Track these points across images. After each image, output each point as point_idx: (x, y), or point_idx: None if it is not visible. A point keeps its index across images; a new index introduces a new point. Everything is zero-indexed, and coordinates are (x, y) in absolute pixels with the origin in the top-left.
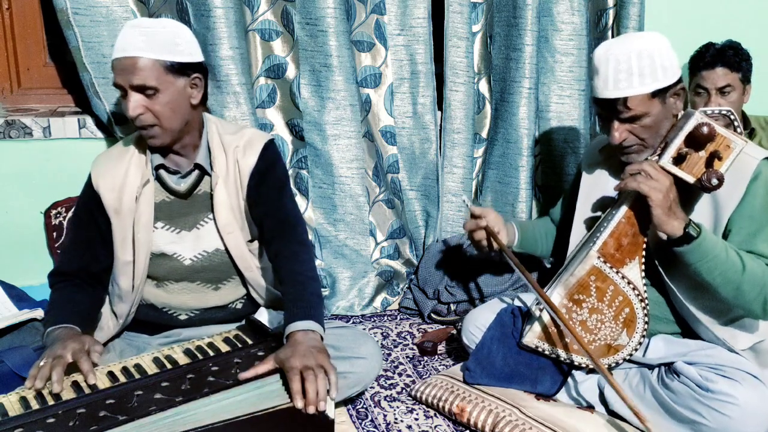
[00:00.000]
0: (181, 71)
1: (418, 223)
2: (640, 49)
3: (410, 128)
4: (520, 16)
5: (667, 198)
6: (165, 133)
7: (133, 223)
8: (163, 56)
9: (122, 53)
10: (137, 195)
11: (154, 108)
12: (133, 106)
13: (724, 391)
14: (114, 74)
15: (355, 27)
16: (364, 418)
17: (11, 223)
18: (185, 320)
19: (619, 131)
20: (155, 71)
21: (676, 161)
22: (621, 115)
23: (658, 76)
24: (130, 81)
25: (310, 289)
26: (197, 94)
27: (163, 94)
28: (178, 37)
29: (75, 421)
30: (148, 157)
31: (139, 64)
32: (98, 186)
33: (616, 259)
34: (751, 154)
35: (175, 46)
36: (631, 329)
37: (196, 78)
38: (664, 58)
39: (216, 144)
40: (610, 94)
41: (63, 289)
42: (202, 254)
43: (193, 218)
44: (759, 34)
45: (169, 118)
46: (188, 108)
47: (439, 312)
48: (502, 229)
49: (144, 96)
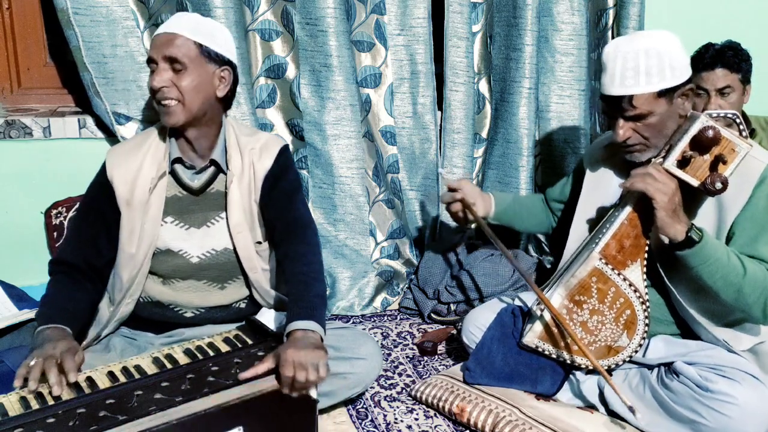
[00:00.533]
0: (213, 59)
1: (418, 223)
2: (648, 48)
3: (410, 128)
4: (520, 16)
5: (672, 201)
6: (183, 112)
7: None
8: (200, 38)
9: (165, 29)
10: (151, 186)
11: (179, 84)
12: (160, 78)
13: (723, 391)
14: (151, 50)
15: (355, 27)
16: (364, 418)
17: (11, 223)
18: (190, 318)
19: (623, 129)
20: (189, 49)
21: (680, 164)
22: (626, 113)
23: (666, 75)
24: (164, 52)
25: (314, 291)
26: (223, 88)
27: (192, 73)
28: (219, 31)
29: (75, 421)
30: (166, 150)
31: (177, 41)
32: (112, 177)
33: (618, 260)
34: (757, 158)
35: (213, 37)
36: (631, 331)
37: (225, 70)
38: (673, 57)
39: (232, 144)
40: (616, 91)
41: (60, 282)
42: (210, 252)
43: (203, 216)
44: (759, 34)
45: (192, 97)
46: (212, 97)
47: (439, 312)
48: (479, 200)
49: (173, 71)
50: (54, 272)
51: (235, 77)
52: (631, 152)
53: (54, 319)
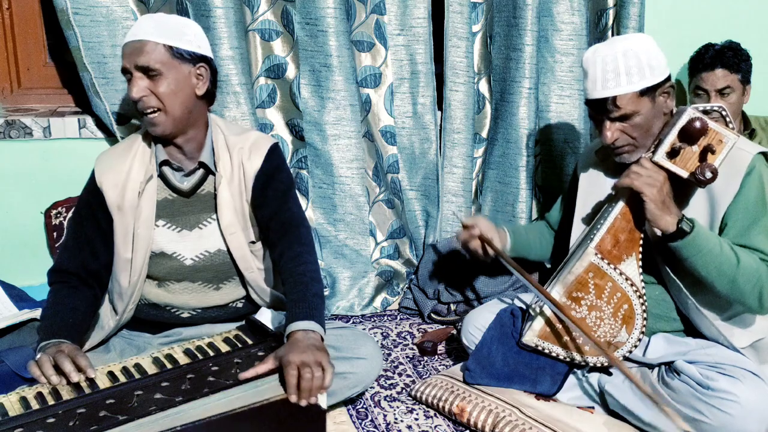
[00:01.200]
0: (186, 59)
1: (418, 223)
2: (625, 49)
3: (410, 128)
4: (520, 16)
5: (660, 193)
6: (168, 120)
7: (134, 219)
8: (169, 41)
9: (131, 37)
10: (140, 190)
11: (157, 91)
12: (137, 88)
13: (724, 389)
14: (123, 59)
15: (355, 27)
16: (364, 418)
17: (11, 223)
18: (187, 318)
19: (611, 131)
20: (160, 54)
21: (669, 156)
22: (611, 114)
23: (646, 74)
24: (135, 62)
25: (312, 290)
26: (202, 86)
27: (167, 77)
28: (187, 27)
29: (75, 421)
30: (152, 153)
31: (146, 47)
32: (101, 183)
33: (614, 255)
34: (744, 149)
35: (182, 35)
36: (630, 326)
37: (201, 67)
38: (650, 57)
39: (221, 144)
40: (599, 94)
41: (60, 291)
42: (204, 254)
43: (195, 218)
44: (759, 35)
45: (172, 102)
46: (192, 97)
47: (439, 312)
48: (494, 234)
49: (148, 79)
50: (53, 282)
51: (213, 71)
52: (621, 153)
53: (57, 333)
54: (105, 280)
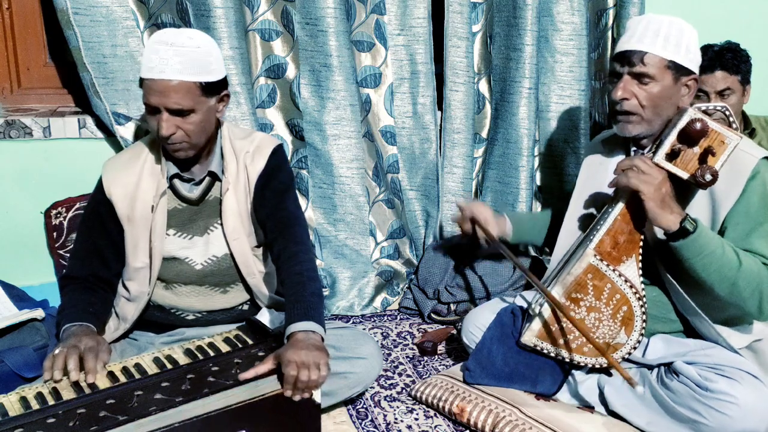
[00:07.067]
0: (213, 90)
1: (418, 223)
2: (674, 21)
3: (410, 128)
4: (520, 16)
5: (659, 191)
6: (191, 148)
7: (149, 231)
8: (198, 77)
9: (158, 75)
10: (153, 205)
11: (185, 127)
12: (167, 126)
13: (723, 391)
14: (146, 94)
15: (355, 27)
16: (364, 418)
17: (11, 223)
18: (192, 320)
19: (624, 87)
20: (192, 93)
21: (669, 157)
22: (634, 68)
23: (681, 51)
24: (167, 104)
25: (310, 290)
26: (223, 109)
27: (197, 114)
28: (210, 55)
29: (75, 421)
30: (163, 167)
31: (177, 88)
32: (111, 193)
33: (613, 257)
34: (749, 152)
35: (208, 66)
36: (629, 327)
37: (224, 95)
38: (691, 42)
39: (228, 150)
40: (632, 46)
41: (75, 291)
42: (212, 259)
43: (203, 223)
44: (759, 35)
45: (198, 135)
46: (215, 122)
47: (439, 312)
48: (491, 220)
49: (177, 116)
50: (64, 286)
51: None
52: (625, 121)
53: (77, 317)
54: (115, 285)
